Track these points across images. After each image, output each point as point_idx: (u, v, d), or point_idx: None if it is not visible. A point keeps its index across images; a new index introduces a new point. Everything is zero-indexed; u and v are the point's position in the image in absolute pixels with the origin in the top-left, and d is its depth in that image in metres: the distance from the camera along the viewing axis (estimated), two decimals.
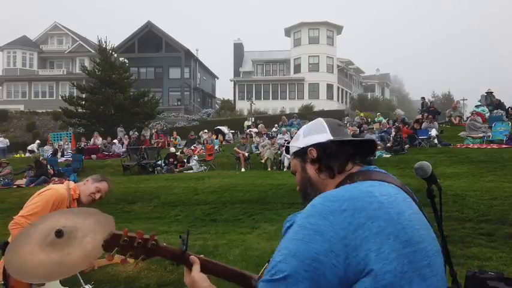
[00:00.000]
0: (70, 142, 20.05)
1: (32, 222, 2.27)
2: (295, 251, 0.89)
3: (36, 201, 2.51)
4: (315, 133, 1.18)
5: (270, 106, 36.67)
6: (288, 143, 1.31)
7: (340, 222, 0.89)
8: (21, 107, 36.63)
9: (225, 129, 21.21)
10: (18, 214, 2.50)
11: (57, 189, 2.58)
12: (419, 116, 15.82)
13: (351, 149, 1.13)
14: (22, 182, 13.10)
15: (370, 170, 1.10)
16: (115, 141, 19.30)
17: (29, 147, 21.08)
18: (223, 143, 19.10)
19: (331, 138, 1.14)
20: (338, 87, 39.63)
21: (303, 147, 1.18)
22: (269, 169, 12.69)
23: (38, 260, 1.81)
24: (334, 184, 1.09)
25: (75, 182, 2.83)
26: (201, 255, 1.31)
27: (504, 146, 12.04)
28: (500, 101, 17.25)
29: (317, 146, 1.15)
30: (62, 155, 17.67)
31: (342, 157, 1.12)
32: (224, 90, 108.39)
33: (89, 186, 2.69)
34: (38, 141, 22.91)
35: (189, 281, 1.25)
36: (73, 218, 2.08)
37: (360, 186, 1.00)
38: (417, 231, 0.92)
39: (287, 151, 1.27)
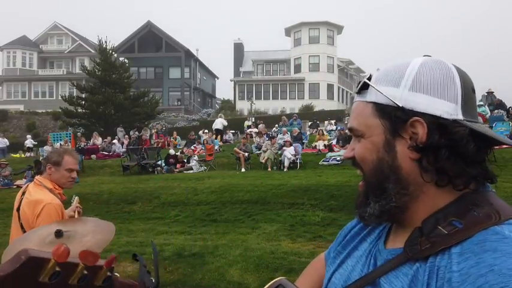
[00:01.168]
0: (70, 142, 20.06)
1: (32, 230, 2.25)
2: None
3: (48, 221, 2.23)
4: (436, 93, 0.63)
5: (270, 106, 36.64)
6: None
7: None
8: (21, 107, 36.62)
9: (222, 121, 20.65)
10: None
11: (49, 200, 2.34)
12: None
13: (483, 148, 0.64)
14: (22, 182, 13.08)
15: (489, 191, 0.67)
16: (115, 141, 19.27)
17: (28, 145, 21.22)
18: (221, 142, 19.03)
19: (461, 117, 0.63)
20: (338, 87, 39.61)
21: (402, 108, 0.64)
22: (269, 169, 12.67)
23: None
24: (434, 200, 0.65)
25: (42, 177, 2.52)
26: None
27: (504, 146, 12.01)
28: (502, 101, 17.13)
29: (433, 120, 0.63)
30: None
31: (476, 162, 0.63)
32: (224, 90, 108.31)
33: (57, 173, 2.48)
34: (28, 135, 23.13)
35: None
36: (72, 224, 2.12)
37: None
38: None
39: (365, 87, 0.69)
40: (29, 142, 21.51)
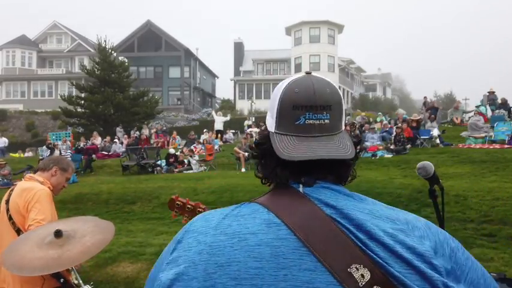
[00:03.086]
0: (69, 142, 20.01)
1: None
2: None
3: (41, 204, 2.29)
4: (269, 111, 0.82)
5: None
6: None
7: (167, 254, 0.76)
8: (20, 107, 36.56)
9: (222, 118, 20.49)
10: (34, 219, 2.22)
11: (43, 188, 2.40)
12: (419, 116, 15.66)
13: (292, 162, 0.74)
14: None
15: (285, 190, 0.76)
16: (116, 140, 19.22)
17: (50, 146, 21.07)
18: (221, 142, 18.98)
19: (274, 130, 0.78)
20: (339, 87, 39.53)
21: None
22: None
23: (36, 256, 1.86)
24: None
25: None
26: None
27: (506, 146, 11.98)
28: (506, 101, 16.99)
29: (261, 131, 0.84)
30: (60, 155, 17.58)
31: (268, 167, 0.80)
32: (224, 89, 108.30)
33: (60, 178, 2.55)
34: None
35: None
36: (72, 223, 2.11)
37: (228, 212, 0.76)
38: None
39: None
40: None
